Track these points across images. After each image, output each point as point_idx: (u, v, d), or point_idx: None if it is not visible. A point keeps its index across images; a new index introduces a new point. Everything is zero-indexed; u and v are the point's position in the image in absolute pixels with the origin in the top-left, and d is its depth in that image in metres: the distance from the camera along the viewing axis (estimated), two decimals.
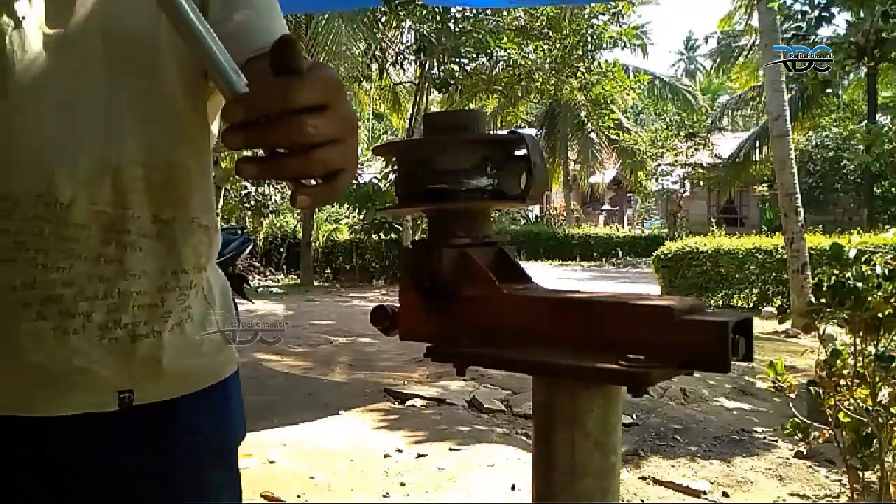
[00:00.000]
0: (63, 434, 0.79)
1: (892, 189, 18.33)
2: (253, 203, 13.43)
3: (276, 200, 13.71)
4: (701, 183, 22.54)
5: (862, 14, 9.82)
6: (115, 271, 0.79)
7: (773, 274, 8.74)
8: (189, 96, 0.84)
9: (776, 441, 3.63)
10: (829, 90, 12.91)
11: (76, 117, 0.77)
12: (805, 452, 3.36)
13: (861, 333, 2.03)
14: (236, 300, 4.95)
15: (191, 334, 0.87)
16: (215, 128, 0.91)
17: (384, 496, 2.93)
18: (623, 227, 25.12)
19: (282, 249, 13.96)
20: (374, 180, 13.17)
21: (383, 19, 12.52)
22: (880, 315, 1.99)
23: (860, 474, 2.14)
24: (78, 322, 0.77)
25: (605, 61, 15.72)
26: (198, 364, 0.88)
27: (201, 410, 0.88)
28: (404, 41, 13.81)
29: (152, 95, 0.81)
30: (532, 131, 18.50)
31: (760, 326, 6.96)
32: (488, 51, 13.12)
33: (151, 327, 0.82)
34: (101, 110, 0.77)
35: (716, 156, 21.28)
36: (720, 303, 9.21)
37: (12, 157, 0.76)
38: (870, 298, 1.98)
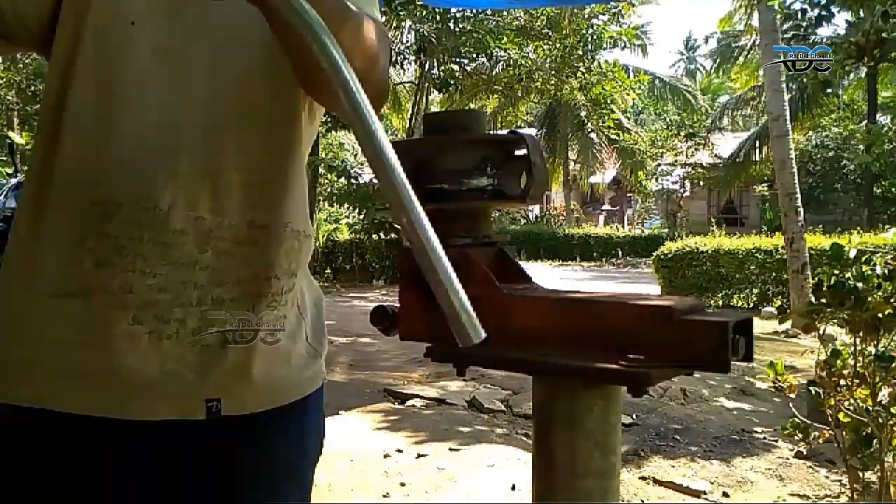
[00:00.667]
0: (150, 441, 0.79)
1: (892, 189, 18.32)
2: None
3: None
4: (701, 183, 22.54)
5: (862, 14, 9.82)
6: (209, 278, 0.79)
7: (773, 274, 8.73)
8: (284, 103, 0.84)
9: (776, 441, 3.63)
10: (829, 90, 12.90)
11: (178, 122, 0.77)
12: (805, 452, 3.36)
13: (861, 333, 2.03)
14: None
15: (282, 344, 0.86)
16: (312, 132, 0.91)
17: (384, 496, 2.92)
18: (623, 227, 25.10)
19: None
20: (374, 180, 13.14)
21: (383, 19, 12.50)
22: (880, 315, 1.99)
23: (860, 474, 2.14)
24: (172, 328, 0.78)
25: (605, 61, 15.72)
26: (286, 377, 0.87)
27: (279, 431, 0.87)
28: (404, 41, 13.80)
29: (250, 102, 0.81)
30: (532, 131, 18.48)
31: (760, 326, 6.96)
32: (488, 51, 13.11)
33: (243, 335, 0.82)
34: (203, 116, 0.78)
35: (716, 156, 21.27)
36: (720, 303, 9.20)
37: (114, 157, 0.76)
38: (870, 298, 1.98)
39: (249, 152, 0.81)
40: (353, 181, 12.96)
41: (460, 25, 12.59)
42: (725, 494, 3.01)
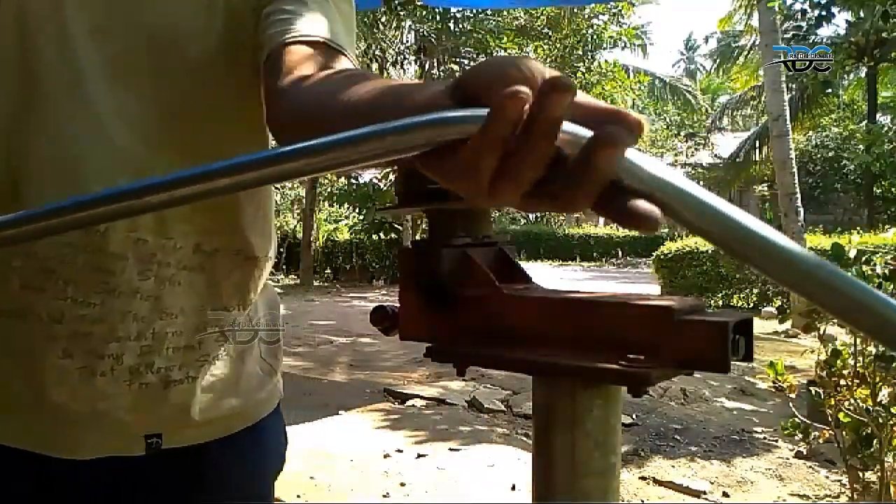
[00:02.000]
0: (89, 475, 0.73)
1: (892, 189, 18.32)
2: None
3: (275, 200, 13.72)
4: (701, 183, 22.49)
5: (862, 14, 9.82)
6: (150, 309, 0.70)
7: None
8: (242, 105, 0.73)
9: (776, 441, 3.63)
10: (829, 90, 12.90)
11: (115, 126, 0.67)
12: (805, 452, 3.36)
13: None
14: None
15: (229, 373, 0.78)
16: (266, 139, 0.81)
17: (384, 496, 2.92)
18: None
19: (282, 249, 13.95)
20: (374, 180, 13.17)
21: (383, 19, 12.52)
22: None
23: (860, 474, 2.14)
24: (106, 364, 0.70)
25: (605, 61, 15.73)
26: (235, 406, 0.80)
27: (233, 454, 0.80)
28: (404, 41, 13.81)
29: (200, 103, 0.71)
30: None
31: (760, 326, 6.96)
32: (488, 51, 13.11)
33: (186, 372, 0.74)
34: (142, 118, 0.68)
35: (716, 156, 21.30)
36: (720, 303, 9.21)
37: (46, 169, 0.66)
38: None
39: (198, 162, 0.71)
40: (353, 181, 12.97)
41: (460, 25, 12.61)
42: (725, 494, 3.01)
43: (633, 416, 3.99)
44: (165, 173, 0.64)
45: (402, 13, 10.82)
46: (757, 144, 19.53)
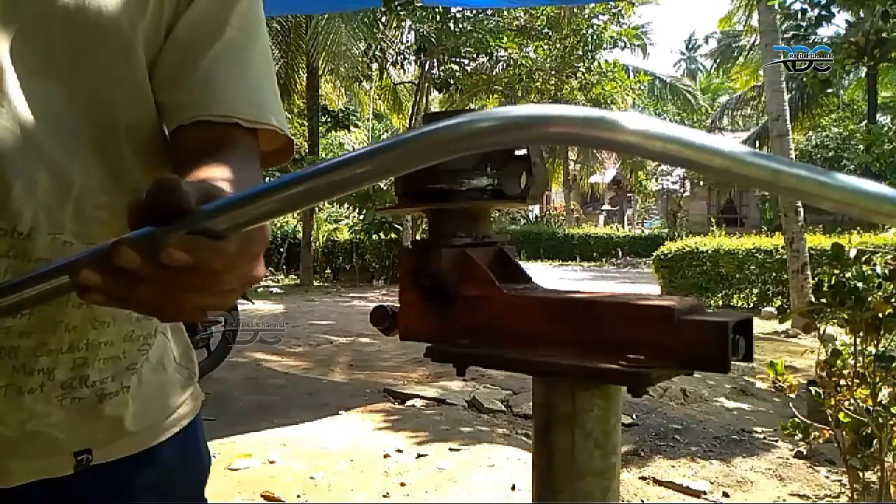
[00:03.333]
0: (13, 501, 0.68)
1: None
2: None
3: None
4: (701, 183, 22.55)
5: (862, 14, 9.82)
6: (82, 318, 0.66)
7: (773, 274, 8.74)
8: (155, 111, 0.70)
9: (776, 441, 3.63)
10: (829, 90, 12.90)
11: (34, 125, 0.62)
12: (805, 452, 3.36)
13: (861, 333, 2.03)
14: (237, 300, 4.93)
15: (153, 380, 0.76)
16: None
17: (384, 496, 2.92)
18: (623, 227, 25.11)
19: (282, 249, 13.96)
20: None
21: (383, 19, 12.52)
22: (881, 315, 1.99)
23: (860, 474, 2.14)
24: (36, 380, 0.64)
25: (605, 61, 15.74)
26: (160, 415, 0.77)
27: (162, 463, 0.78)
28: (404, 41, 13.82)
29: (119, 110, 0.67)
30: None
31: (760, 326, 6.96)
32: (488, 51, 13.13)
33: (120, 383, 0.71)
34: (61, 117, 0.64)
35: None
36: (720, 303, 9.20)
37: None
38: (870, 298, 1.98)
39: (120, 165, 0.67)
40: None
41: (460, 25, 12.61)
42: (725, 494, 3.01)
43: (633, 416, 3.99)
44: (85, 171, 0.64)
45: (402, 13, 10.81)
46: (757, 144, 19.52)
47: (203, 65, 0.68)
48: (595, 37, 14.30)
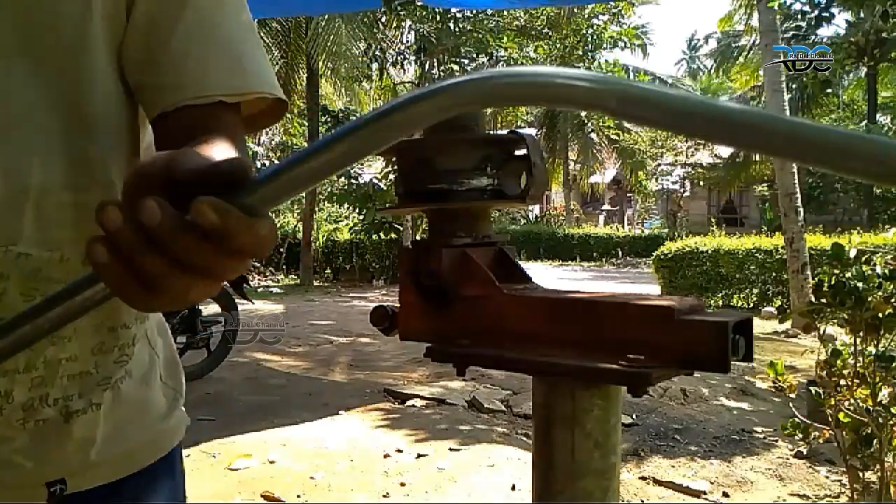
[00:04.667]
0: None
1: (892, 189, 18.33)
2: None
3: None
4: (701, 183, 22.57)
5: (862, 14, 9.82)
6: None
7: (773, 274, 8.74)
8: (124, 96, 0.66)
9: (776, 441, 3.63)
10: (829, 90, 12.91)
11: None
12: (805, 452, 3.36)
13: (861, 333, 2.03)
14: (237, 300, 4.92)
15: (133, 399, 0.71)
16: (148, 137, 0.71)
17: (384, 496, 2.92)
18: (623, 227, 25.12)
19: (282, 249, 13.96)
20: (374, 180, 13.18)
21: (383, 19, 12.53)
22: (881, 315, 1.99)
23: (860, 474, 2.14)
24: None
25: (606, 61, 15.75)
26: (142, 438, 0.73)
27: (144, 492, 0.73)
28: (404, 41, 13.83)
29: (82, 96, 0.63)
30: (532, 131, 18.49)
31: (760, 326, 6.96)
32: (488, 51, 13.13)
33: (89, 399, 0.66)
34: (16, 117, 0.60)
35: (716, 156, 21.30)
36: (720, 303, 9.21)
37: None
38: (870, 298, 1.98)
39: (84, 162, 0.62)
40: (353, 181, 12.98)
41: (460, 25, 12.61)
42: (725, 494, 3.01)
43: (633, 416, 3.99)
44: (45, 168, 0.60)
45: (402, 13, 10.82)
46: None
47: (174, 44, 0.64)
48: (595, 37, 14.32)
